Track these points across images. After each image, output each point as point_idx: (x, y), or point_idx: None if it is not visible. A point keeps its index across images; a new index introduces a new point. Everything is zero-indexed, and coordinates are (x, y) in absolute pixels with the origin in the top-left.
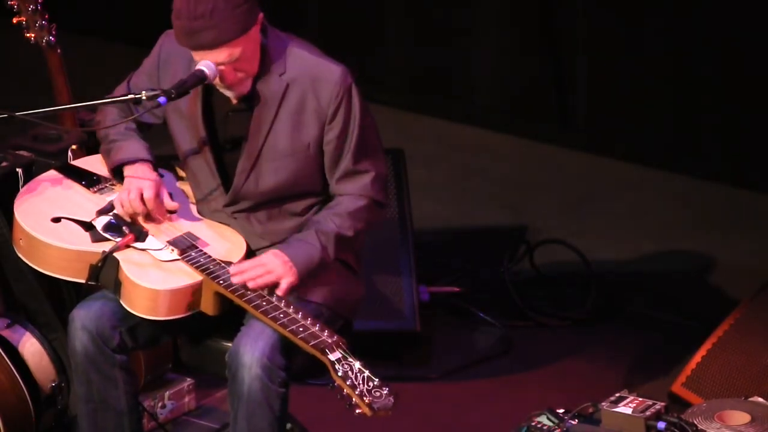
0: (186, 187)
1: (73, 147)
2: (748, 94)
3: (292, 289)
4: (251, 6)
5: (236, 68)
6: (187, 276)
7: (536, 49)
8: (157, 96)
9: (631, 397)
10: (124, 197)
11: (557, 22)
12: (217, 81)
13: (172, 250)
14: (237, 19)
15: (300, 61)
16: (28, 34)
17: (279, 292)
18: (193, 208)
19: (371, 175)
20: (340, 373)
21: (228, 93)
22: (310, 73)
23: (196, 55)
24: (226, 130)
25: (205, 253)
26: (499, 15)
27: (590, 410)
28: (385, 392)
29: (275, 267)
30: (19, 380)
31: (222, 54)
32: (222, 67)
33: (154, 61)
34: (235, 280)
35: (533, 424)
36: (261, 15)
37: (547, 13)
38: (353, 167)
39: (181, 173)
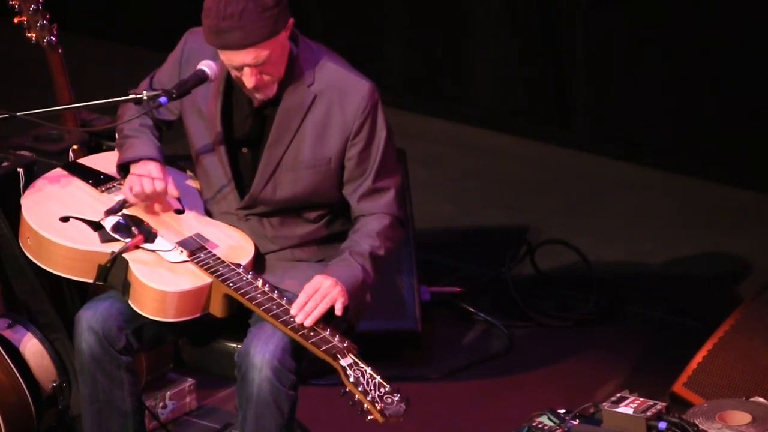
0: (195, 187)
1: (75, 147)
2: (747, 95)
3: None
4: (281, 11)
5: (262, 71)
6: (196, 278)
7: (537, 50)
8: (158, 96)
9: (632, 398)
10: (133, 179)
11: (558, 22)
12: (242, 84)
13: (182, 251)
14: (265, 23)
15: (329, 74)
16: (29, 34)
17: (338, 313)
18: (203, 209)
19: (392, 192)
20: (351, 379)
21: (252, 96)
22: (338, 86)
23: (222, 54)
24: (244, 131)
25: (214, 255)
26: (500, 15)
27: (591, 410)
28: (397, 398)
29: (329, 290)
30: (20, 380)
31: (248, 56)
32: (247, 69)
33: (177, 58)
34: (305, 321)
35: (534, 424)
36: (291, 21)
37: (548, 13)
38: (376, 185)
39: (190, 173)
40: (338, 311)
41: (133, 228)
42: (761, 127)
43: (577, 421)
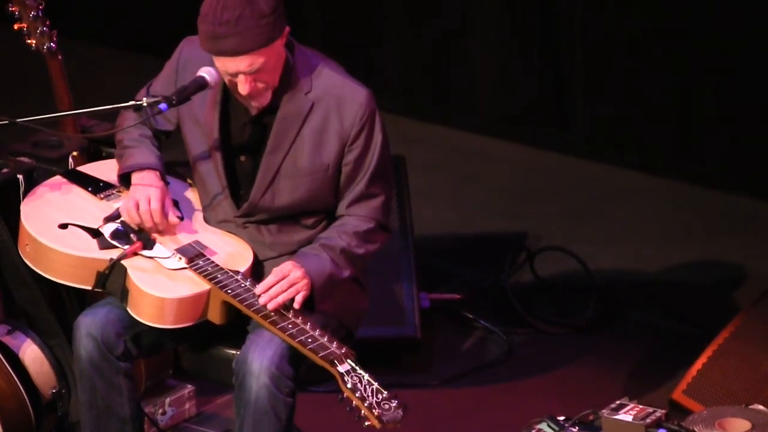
0: (194, 195)
1: (74, 153)
2: (748, 99)
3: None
4: (277, 19)
5: (256, 78)
6: (194, 285)
7: (537, 57)
8: (158, 102)
9: (632, 405)
10: (131, 206)
11: (557, 29)
12: (236, 90)
13: (180, 258)
14: (261, 30)
15: (326, 81)
16: (29, 41)
17: (296, 305)
18: (201, 217)
19: (381, 199)
20: (349, 385)
21: (247, 103)
22: (336, 94)
23: (217, 60)
24: (242, 139)
25: (212, 262)
26: (500, 22)
27: (591, 417)
28: (394, 405)
29: (297, 280)
30: (20, 386)
31: (243, 62)
32: (241, 76)
33: (173, 66)
34: (269, 305)
35: (533, 431)
36: (287, 29)
37: (547, 20)
38: (366, 191)
39: (190, 180)
40: (296, 304)
41: (131, 235)
42: (762, 133)
43: (577, 428)
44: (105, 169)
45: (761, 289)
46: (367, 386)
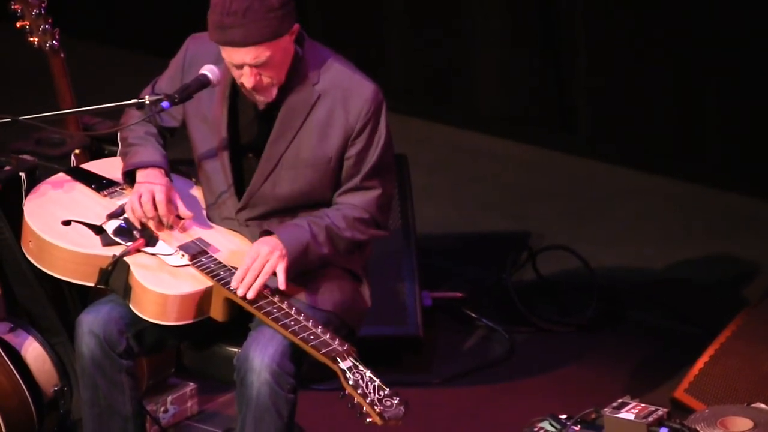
0: (198, 193)
1: (77, 151)
2: (750, 100)
3: (302, 295)
4: (286, 14)
5: (261, 73)
6: (197, 282)
7: (538, 56)
8: (160, 101)
9: (634, 403)
10: (135, 201)
11: (558, 28)
12: (241, 84)
13: (183, 255)
14: (268, 23)
15: (334, 74)
16: (31, 39)
17: (281, 286)
18: (205, 214)
19: (377, 192)
20: (351, 382)
21: (254, 98)
22: (343, 87)
23: (224, 51)
24: (250, 136)
25: (215, 259)
26: (502, 21)
27: (593, 416)
28: (396, 401)
29: (267, 257)
30: (22, 384)
31: (248, 54)
32: (246, 69)
33: (179, 64)
34: (248, 294)
35: (535, 429)
36: (296, 26)
37: (548, 19)
38: (361, 184)
39: (194, 179)
40: (281, 285)
41: (134, 232)
42: (763, 133)
43: (579, 426)
44: (108, 167)
45: (762, 288)
46: (369, 383)
